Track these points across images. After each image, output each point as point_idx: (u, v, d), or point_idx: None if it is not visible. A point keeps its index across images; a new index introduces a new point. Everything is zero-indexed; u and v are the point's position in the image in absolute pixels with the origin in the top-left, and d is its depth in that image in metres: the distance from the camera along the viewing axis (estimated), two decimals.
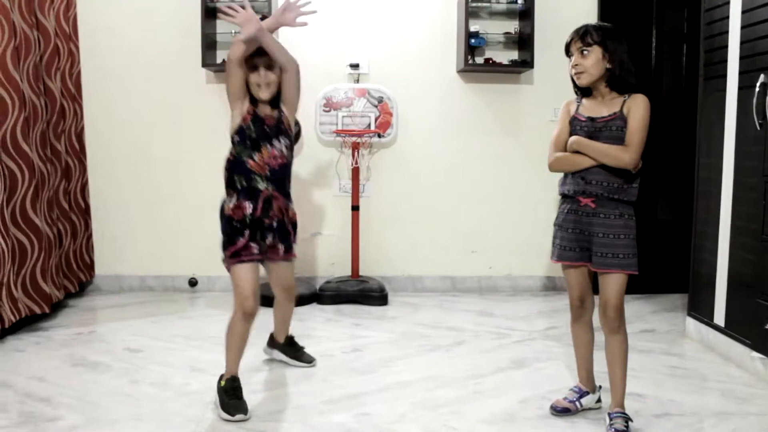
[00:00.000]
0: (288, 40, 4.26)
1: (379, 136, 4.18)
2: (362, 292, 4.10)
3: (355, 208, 4.22)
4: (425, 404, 2.60)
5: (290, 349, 3.03)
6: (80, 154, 4.28)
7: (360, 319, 3.82)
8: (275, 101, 2.59)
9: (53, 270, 3.78)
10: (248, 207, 2.52)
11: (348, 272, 4.30)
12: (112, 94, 4.33)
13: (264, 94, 2.53)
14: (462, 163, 4.42)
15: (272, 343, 3.06)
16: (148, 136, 4.34)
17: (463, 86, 4.39)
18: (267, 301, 3.71)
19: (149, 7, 4.28)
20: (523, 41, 4.23)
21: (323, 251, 4.45)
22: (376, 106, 4.17)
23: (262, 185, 2.53)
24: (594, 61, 2.29)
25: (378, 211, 4.43)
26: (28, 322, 3.57)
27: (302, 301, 4.05)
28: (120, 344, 3.34)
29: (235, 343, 2.50)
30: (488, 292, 4.48)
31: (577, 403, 2.53)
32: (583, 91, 2.40)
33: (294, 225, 2.69)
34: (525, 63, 4.19)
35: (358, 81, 4.28)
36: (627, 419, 2.35)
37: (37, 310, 3.55)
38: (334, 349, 3.27)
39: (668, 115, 4.37)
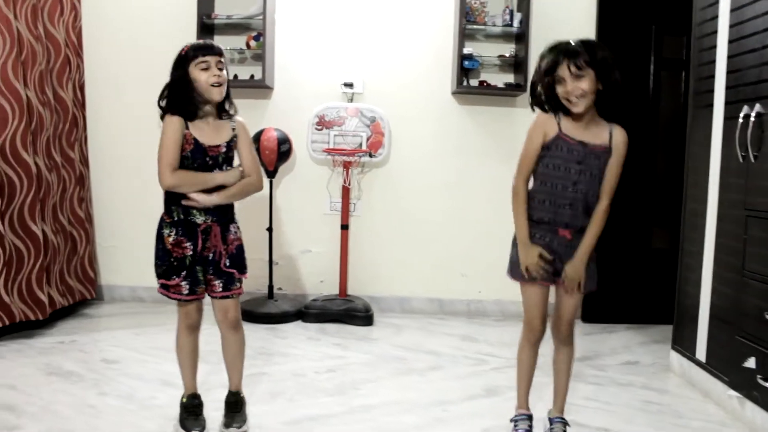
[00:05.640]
0: (283, 58, 4.33)
1: (371, 155, 4.18)
2: (347, 312, 4.08)
3: (345, 227, 4.22)
4: (383, 428, 2.57)
5: (227, 408, 2.52)
6: (87, 164, 4.36)
7: (342, 339, 3.80)
8: (220, 112, 2.39)
9: (57, 277, 3.84)
10: (189, 248, 2.34)
11: (337, 290, 4.29)
12: (112, 106, 4.40)
13: (218, 96, 2.33)
14: (454, 184, 4.40)
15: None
16: (146, 149, 4.32)
17: (457, 108, 4.37)
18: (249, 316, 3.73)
19: (149, 22, 4.35)
20: (518, 64, 4.21)
21: (313, 269, 4.45)
22: (368, 126, 4.17)
23: (200, 219, 2.35)
24: (590, 83, 2.17)
25: (368, 230, 4.42)
26: (22, 328, 3.60)
27: (287, 318, 4.06)
28: (98, 355, 3.37)
29: (186, 360, 2.48)
30: (477, 316, 4.43)
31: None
32: (561, 109, 2.26)
33: (235, 255, 2.42)
34: (519, 86, 4.16)
35: (351, 100, 4.29)
36: (566, 424, 2.42)
37: (32, 317, 3.58)
38: (308, 369, 3.25)
39: (665, 142, 4.31)
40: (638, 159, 4.31)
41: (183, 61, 2.34)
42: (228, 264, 2.40)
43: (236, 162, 2.46)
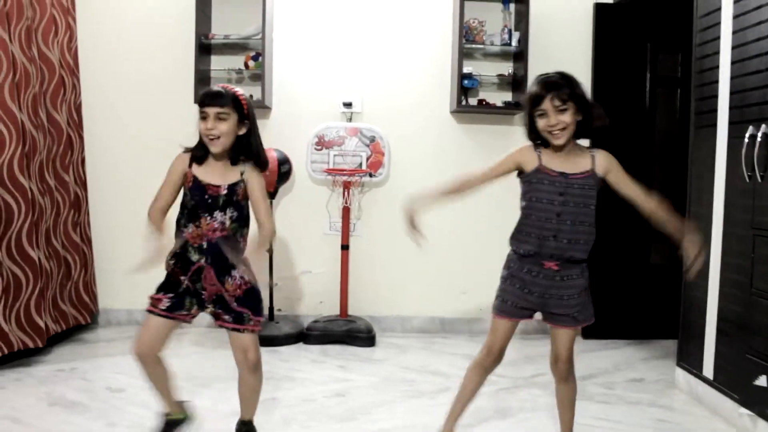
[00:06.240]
0: (281, 78, 4.32)
1: (371, 175, 4.17)
2: (349, 333, 4.05)
3: (345, 247, 4.20)
4: None
5: None
6: (84, 186, 4.30)
7: (345, 360, 3.77)
8: (235, 158, 2.32)
9: (50, 302, 3.75)
10: (183, 280, 2.30)
11: (337, 311, 4.26)
12: (109, 127, 4.35)
13: (215, 148, 2.28)
14: (454, 203, 4.39)
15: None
16: (144, 170, 4.31)
17: (456, 127, 4.39)
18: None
19: (146, 42, 4.31)
20: (517, 83, 4.24)
21: (312, 289, 4.42)
22: (368, 146, 4.17)
23: (195, 257, 2.29)
24: (571, 116, 2.22)
25: (369, 250, 4.40)
26: (19, 356, 3.50)
27: (288, 340, 4.02)
28: (101, 383, 3.30)
29: (155, 385, 2.41)
30: (478, 334, 4.41)
31: None
32: (542, 141, 2.30)
33: (243, 298, 2.32)
34: (518, 105, 4.19)
35: (351, 120, 4.28)
36: None
37: (30, 344, 3.50)
38: (317, 393, 3.22)
39: (661, 158, 4.36)
40: (635, 175, 4.34)
41: None
42: (237, 305, 2.32)
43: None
